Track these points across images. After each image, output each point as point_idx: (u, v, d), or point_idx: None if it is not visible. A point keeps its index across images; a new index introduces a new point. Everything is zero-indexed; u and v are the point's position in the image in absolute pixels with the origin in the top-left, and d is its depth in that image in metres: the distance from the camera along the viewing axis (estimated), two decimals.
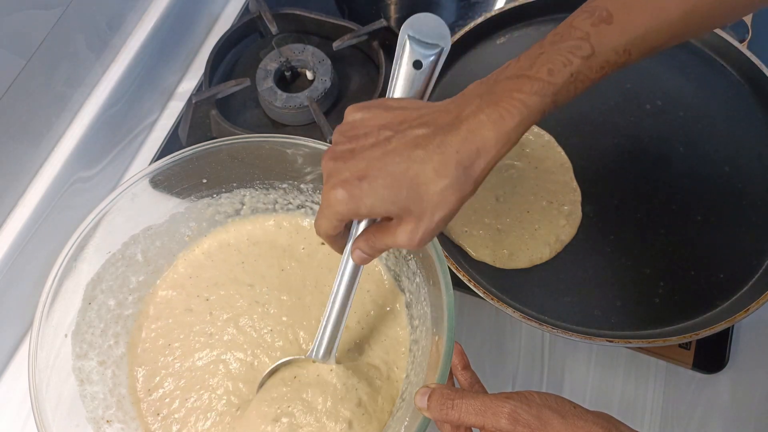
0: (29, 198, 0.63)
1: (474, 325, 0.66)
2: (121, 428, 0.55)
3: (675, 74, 0.72)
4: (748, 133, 0.69)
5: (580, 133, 0.70)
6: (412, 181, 0.40)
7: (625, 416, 0.40)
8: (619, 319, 0.62)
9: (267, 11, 0.75)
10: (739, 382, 0.63)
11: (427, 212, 0.41)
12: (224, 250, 0.63)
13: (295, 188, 0.62)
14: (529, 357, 0.64)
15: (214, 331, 0.59)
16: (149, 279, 0.61)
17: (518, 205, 0.66)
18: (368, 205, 0.41)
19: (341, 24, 0.76)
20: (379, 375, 0.56)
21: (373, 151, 0.41)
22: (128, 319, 0.59)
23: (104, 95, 0.68)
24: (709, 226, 0.65)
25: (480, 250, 0.65)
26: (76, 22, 0.62)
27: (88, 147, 0.68)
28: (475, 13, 0.83)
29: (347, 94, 0.75)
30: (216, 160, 0.59)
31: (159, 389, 0.57)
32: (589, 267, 0.64)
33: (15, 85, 0.57)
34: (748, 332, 0.65)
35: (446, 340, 0.47)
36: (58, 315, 0.53)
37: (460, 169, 0.40)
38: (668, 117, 0.71)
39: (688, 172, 0.68)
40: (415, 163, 0.40)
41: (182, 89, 0.81)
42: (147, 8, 0.73)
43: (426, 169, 0.40)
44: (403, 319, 0.59)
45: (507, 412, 0.39)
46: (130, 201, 0.56)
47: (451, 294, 0.49)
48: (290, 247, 0.63)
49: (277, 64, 0.72)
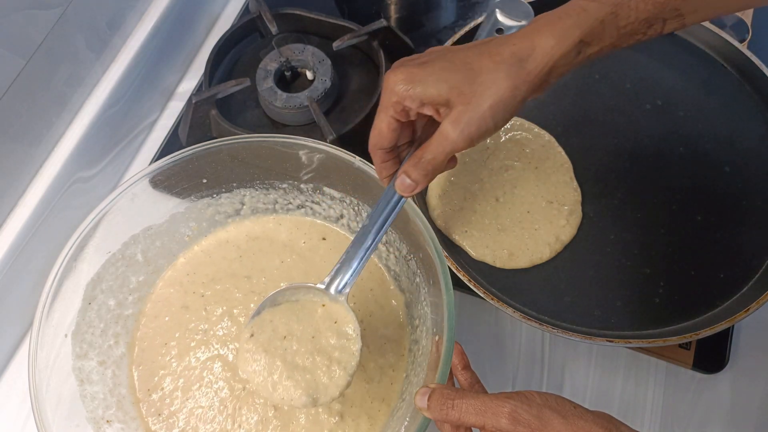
0: (29, 198, 0.63)
1: (474, 325, 0.66)
2: (121, 428, 0.55)
3: (675, 74, 0.72)
4: (748, 133, 0.69)
5: (580, 133, 0.70)
6: (468, 65, 0.42)
7: (625, 416, 0.40)
8: (619, 319, 0.62)
9: (267, 11, 0.75)
10: (739, 382, 0.63)
11: (476, 94, 0.42)
12: (223, 247, 0.63)
13: (295, 188, 0.62)
14: (529, 357, 0.64)
15: (208, 327, 0.59)
16: (149, 279, 0.61)
17: (518, 205, 0.66)
18: (423, 81, 0.43)
19: (341, 24, 0.76)
20: (378, 375, 0.57)
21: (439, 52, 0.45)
22: (128, 319, 0.59)
23: (104, 95, 0.68)
24: (709, 226, 0.65)
25: (480, 250, 0.65)
26: (76, 22, 0.62)
27: (88, 147, 0.68)
28: (475, 13, 0.83)
29: (347, 94, 0.75)
30: (216, 160, 0.59)
31: (158, 389, 0.57)
32: (589, 267, 0.64)
33: (15, 85, 0.57)
34: (748, 332, 0.65)
35: (446, 340, 0.47)
36: (58, 315, 0.53)
37: (515, 59, 0.42)
38: (668, 117, 0.71)
39: (688, 172, 0.68)
40: (473, 53, 0.43)
41: (182, 89, 0.81)
42: (147, 8, 0.73)
43: (482, 58, 0.43)
44: (403, 319, 0.59)
45: (507, 411, 0.39)
46: (130, 201, 0.56)
47: (451, 294, 0.49)
48: (291, 242, 0.63)
49: (277, 64, 0.72)
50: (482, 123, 0.43)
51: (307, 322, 0.51)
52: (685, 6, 0.43)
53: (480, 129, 0.43)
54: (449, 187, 0.67)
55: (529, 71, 0.42)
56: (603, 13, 0.42)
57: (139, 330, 0.60)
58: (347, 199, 0.61)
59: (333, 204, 0.62)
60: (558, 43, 0.42)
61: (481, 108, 0.42)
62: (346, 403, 0.55)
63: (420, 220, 0.52)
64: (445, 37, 0.74)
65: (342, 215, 0.63)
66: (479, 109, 0.42)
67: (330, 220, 0.64)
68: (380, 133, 0.46)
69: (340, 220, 0.63)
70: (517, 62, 0.42)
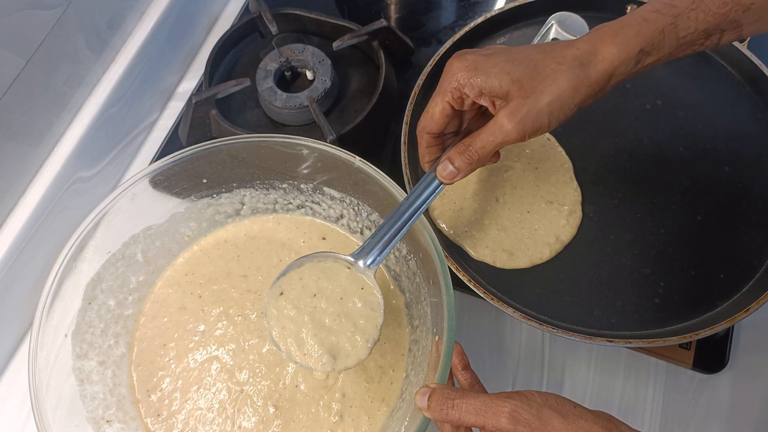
0: (29, 198, 0.63)
1: (474, 325, 0.66)
2: (121, 428, 0.55)
3: (675, 74, 0.72)
4: (748, 133, 0.69)
5: (580, 133, 0.70)
6: (531, 62, 0.44)
7: (625, 416, 0.40)
8: (619, 319, 0.62)
9: (267, 11, 0.75)
10: (739, 382, 0.63)
11: (537, 90, 0.43)
12: (221, 246, 0.63)
13: (295, 188, 0.62)
14: (529, 357, 0.64)
15: (206, 327, 0.59)
16: (149, 279, 0.61)
17: (518, 206, 0.66)
18: (486, 71, 0.44)
19: (341, 24, 0.76)
20: (378, 374, 0.57)
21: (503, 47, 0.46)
22: (128, 319, 0.59)
23: (104, 95, 0.68)
24: (709, 226, 0.65)
25: (480, 250, 0.65)
26: (76, 22, 0.62)
27: (88, 147, 0.68)
28: (475, 13, 0.83)
29: (347, 94, 0.75)
30: (216, 160, 0.59)
31: (157, 390, 0.57)
32: (589, 267, 0.64)
33: (15, 85, 0.57)
34: (748, 332, 0.65)
35: (446, 340, 0.47)
36: (58, 315, 0.53)
37: (578, 62, 0.43)
38: (668, 117, 0.71)
39: (688, 172, 0.68)
40: (536, 52, 0.44)
41: (182, 89, 0.81)
42: (147, 8, 0.73)
43: (546, 57, 0.44)
44: (403, 319, 0.59)
45: (507, 411, 0.39)
46: (130, 201, 0.56)
47: (451, 294, 0.49)
48: (290, 241, 0.63)
49: (277, 64, 0.72)
50: (538, 118, 0.44)
51: (336, 281, 0.51)
52: (746, 18, 0.44)
53: (535, 124, 0.44)
54: (449, 188, 0.67)
55: (590, 75, 0.43)
56: (663, 24, 0.43)
57: (139, 330, 0.60)
58: (347, 199, 0.61)
59: (333, 204, 0.62)
60: (619, 51, 0.43)
61: (539, 103, 0.43)
62: (346, 403, 0.55)
63: (420, 220, 0.52)
64: (445, 37, 0.74)
65: (342, 215, 0.63)
66: (538, 104, 0.43)
67: (330, 219, 0.64)
68: (432, 117, 0.47)
69: (340, 220, 0.63)
70: (580, 66, 0.43)
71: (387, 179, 0.54)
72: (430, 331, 0.52)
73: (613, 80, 0.45)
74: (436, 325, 0.50)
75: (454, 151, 0.48)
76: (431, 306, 0.53)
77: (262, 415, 0.56)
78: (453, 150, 0.48)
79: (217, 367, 0.58)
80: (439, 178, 0.49)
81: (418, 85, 0.69)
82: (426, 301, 0.54)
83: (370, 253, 0.51)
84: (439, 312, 0.49)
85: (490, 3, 0.84)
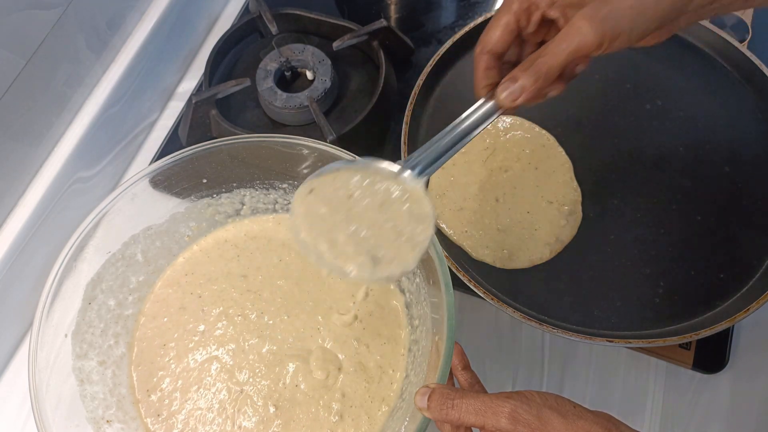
0: (29, 198, 0.63)
1: (474, 325, 0.66)
2: (121, 428, 0.55)
3: (675, 74, 0.72)
4: (748, 133, 0.69)
5: (580, 133, 0.70)
6: None
7: (625, 416, 0.40)
8: (619, 319, 0.62)
9: (267, 11, 0.75)
10: (739, 382, 0.63)
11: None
12: (221, 246, 0.63)
13: (295, 188, 0.62)
14: (529, 357, 0.64)
15: (205, 328, 0.59)
16: (149, 279, 0.61)
17: (518, 206, 0.66)
18: None
19: (341, 24, 0.76)
20: (378, 374, 0.57)
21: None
22: (128, 318, 0.59)
23: (104, 95, 0.68)
24: (709, 226, 0.65)
25: (480, 250, 0.65)
26: (76, 22, 0.62)
27: (88, 147, 0.68)
28: (475, 13, 0.83)
29: (347, 94, 0.75)
30: (216, 160, 0.59)
31: (157, 390, 0.57)
32: (589, 267, 0.64)
33: (15, 85, 0.57)
34: (748, 332, 0.65)
35: (446, 340, 0.47)
36: (58, 315, 0.53)
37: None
38: (668, 117, 0.71)
39: (688, 172, 0.68)
40: None
41: (182, 89, 0.81)
42: (147, 8, 0.73)
43: None
44: (403, 319, 0.59)
45: (507, 411, 0.39)
46: (130, 201, 0.56)
47: (451, 294, 0.49)
48: (289, 241, 0.63)
49: (277, 64, 0.72)
50: (619, 22, 0.39)
51: (378, 187, 0.44)
52: None
53: (615, 28, 0.39)
54: (449, 188, 0.67)
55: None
56: None
57: (139, 330, 0.60)
58: None
59: None
60: None
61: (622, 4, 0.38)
62: (346, 403, 0.55)
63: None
64: (445, 37, 0.74)
65: None
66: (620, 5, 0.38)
67: None
68: (493, 35, 0.42)
69: None
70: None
71: None
72: (430, 331, 0.52)
73: (692, 4, 0.40)
74: (436, 325, 0.50)
75: (517, 69, 0.42)
76: (431, 306, 0.53)
77: (262, 415, 0.56)
78: (516, 68, 0.42)
79: (217, 367, 0.58)
80: (499, 100, 0.43)
81: (418, 85, 0.69)
82: (426, 301, 0.54)
83: (421, 162, 0.45)
84: (439, 312, 0.49)
85: (490, 3, 0.84)
